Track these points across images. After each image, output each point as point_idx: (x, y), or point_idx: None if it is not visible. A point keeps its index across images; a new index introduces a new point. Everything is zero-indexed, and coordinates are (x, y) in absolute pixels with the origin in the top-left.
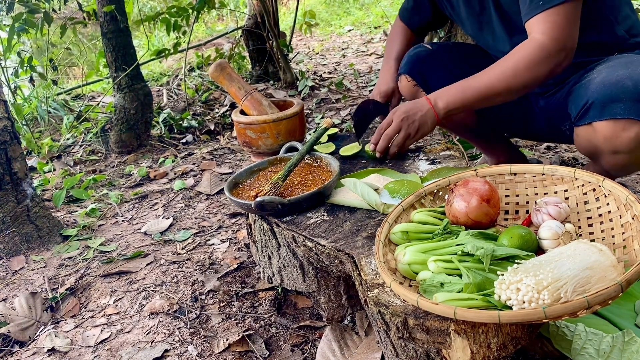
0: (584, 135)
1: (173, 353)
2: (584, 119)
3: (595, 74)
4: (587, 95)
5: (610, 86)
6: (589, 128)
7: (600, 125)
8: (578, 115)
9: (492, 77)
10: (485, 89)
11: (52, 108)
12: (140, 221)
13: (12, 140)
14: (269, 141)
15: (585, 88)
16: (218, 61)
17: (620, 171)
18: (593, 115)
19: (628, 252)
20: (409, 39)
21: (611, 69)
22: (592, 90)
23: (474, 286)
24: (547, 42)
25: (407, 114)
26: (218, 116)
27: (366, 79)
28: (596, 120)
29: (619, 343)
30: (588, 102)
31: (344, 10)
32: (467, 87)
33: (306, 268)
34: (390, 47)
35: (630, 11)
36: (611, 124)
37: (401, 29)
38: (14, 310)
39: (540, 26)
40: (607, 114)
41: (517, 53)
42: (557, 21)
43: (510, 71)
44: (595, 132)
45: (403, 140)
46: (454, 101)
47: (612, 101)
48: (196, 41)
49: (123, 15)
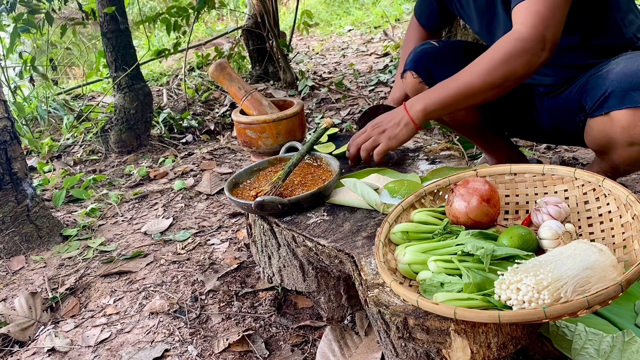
0: (599, 126)
1: (173, 353)
2: (601, 109)
3: (613, 65)
4: (606, 85)
5: (631, 75)
6: (605, 118)
7: (619, 115)
8: (595, 106)
9: (469, 75)
10: (463, 86)
11: (52, 108)
12: (140, 221)
13: (12, 140)
14: (269, 141)
15: (604, 78)
16: (218, 61)
17: (631, 166)
18: (612, 105)
19: (628, 252)
20: (423, 37)
21: (630, 61)
22: (611, 79)
23: (474, 286)
24: (525, 32)
25: (379, 122)
26: (218, 116)
27: (366, 79)
28: (615, 110)
29: (619, 343)
30: (607, 92)
31: (344, 10)
32: (445, 87)
33: (306, 268)
34: (406, 48)
35: (636, 15)
36: (630, 113)
37: (416, 29)
38: (14, 310)
39: (522, 15)
40: (627, 102)
41: (494, 47)
42: (540, 11)
43: (486, 66)
44: (613, 122)
45: (371, 147)
46: (432, 103)
47: (632, 89)
48: (196, 41)
49: (123, 15)
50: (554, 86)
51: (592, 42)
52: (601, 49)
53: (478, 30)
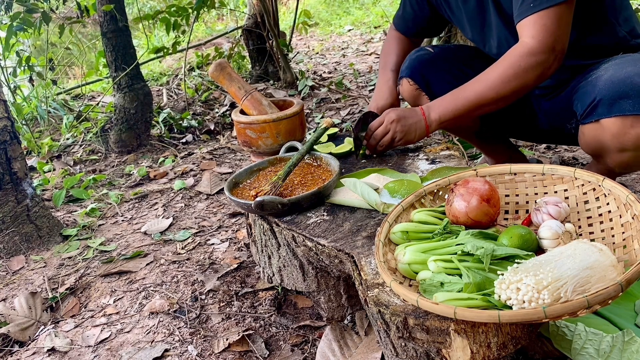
0: (590, 133)
1: (173, 353)
2: (591, 117)
3: (602, 72)
4: (595, 93)
5: (619, 83)
6: (595, 125)
7: (608, 122)
8: (585, 113)
9: (482, 86)
10: (475, 98)
11: (52, 108)
12: (140, 221)
13: (12, 140)
14: (269, 141)
15: (593, 85)
16: (218, 61)
17: (625, 169)
18: (601, 112)
19: (628, 252)
20: (405, 48)
21: (618, 67)
22: (599, 87)
23: (474, 286)
24: (536, 46)
25: (399, 118)
26: (218, 116)
27: (366, 79)
28: (604, 117)
29: (619, 343)
30: (596, 99)
31: (343, 10)
32: (458, 97)
33: (306, 268)
34: (386, 58)
35: (631, 13)
36: (619, 121)
37: (396, 38)
38: (14, 310)
39: (530, 29)
40: (615, 110)
41: (506, 60)
42: (547, 24)
43: (499, 79)
44: (603, 129)
45: (389, 142)
46: (446, 113)
47: (620, 98)
48: (196, 41)
49: (123, 14)
50: (550, 88)
51: (586, 41)
52: (595, 49)
53: (471, 36)
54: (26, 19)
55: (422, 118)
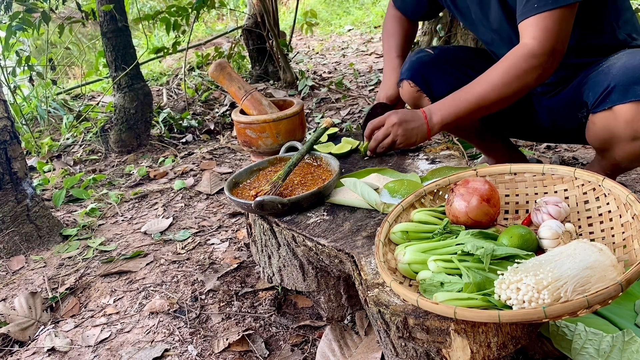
0: (601, 121)
1: (173, 353)
2: (604, 104)
3: (614, 60)
4: (609, 80)
5: (633, 69)
6: (608, 113)
7: (622, 109)
8: (597, 101)
9: (483, 88)
10: (477, 100)
11: (52, 108)
12: (140, 221)
13: (12, 139)
14: (269, 141)
15: (605, 74)
16: (218, 61)
17: (632, 162)
18: (615, 99)
19: (628, 252)
20: (407, 29)
21: (632, 55)
22: (613, 74)
23: (474, 286)
24: (537, 48)
25: (400, 122)
26: (218, 116)
27: (366, 79)
28: (618, 104)
29: (619, 343)
30: (609, 86)
31: (343, 9)
32: (459, 99)
33: (306, 268)
34: (389, 42)
35: (631, 15)
36: (634, 106)
37: (397, 19)
38: (13, 310)
39: (531, 30)
40: (630, 95)
41: (507, 61)
42: (549, 26)
43: (500, 81)
44: (616, 116)
45: (389, 145)
46: (448, 115)
47: (635, 83)
48: (196, 41)
49: (122, 14)
50: (551, 85)
51: (587, 42)
52: (596, 48)
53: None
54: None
55: (424, 122)
